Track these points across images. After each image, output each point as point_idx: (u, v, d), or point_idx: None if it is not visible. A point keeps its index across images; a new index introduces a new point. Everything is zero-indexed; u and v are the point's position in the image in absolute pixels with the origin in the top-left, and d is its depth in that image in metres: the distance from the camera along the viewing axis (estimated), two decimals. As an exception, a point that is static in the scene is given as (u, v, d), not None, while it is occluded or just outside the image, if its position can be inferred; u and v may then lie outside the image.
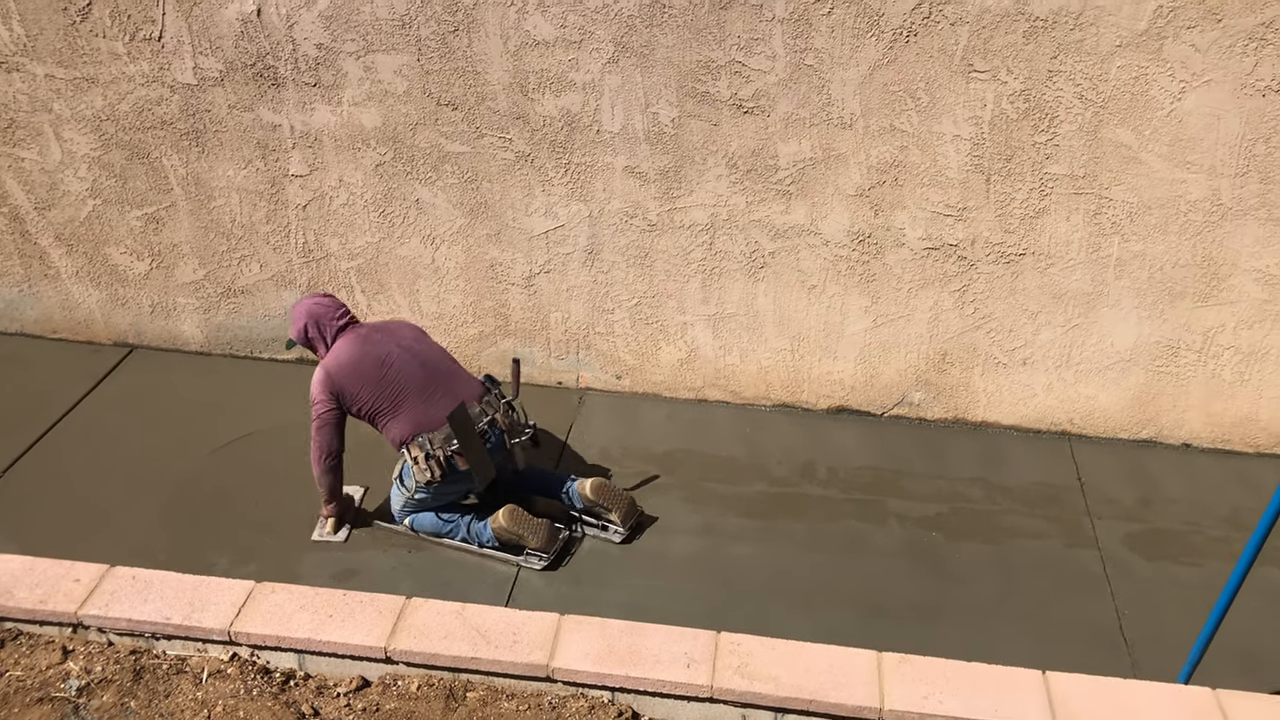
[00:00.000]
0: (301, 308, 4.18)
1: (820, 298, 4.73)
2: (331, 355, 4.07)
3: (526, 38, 4.36)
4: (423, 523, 4.18)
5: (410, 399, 4.03)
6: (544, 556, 4.09)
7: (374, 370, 4.02)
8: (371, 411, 4.04)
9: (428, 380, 4.07)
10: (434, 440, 3.99)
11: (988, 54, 4.16)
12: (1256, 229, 4.30)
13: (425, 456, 3.97)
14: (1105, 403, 4.75)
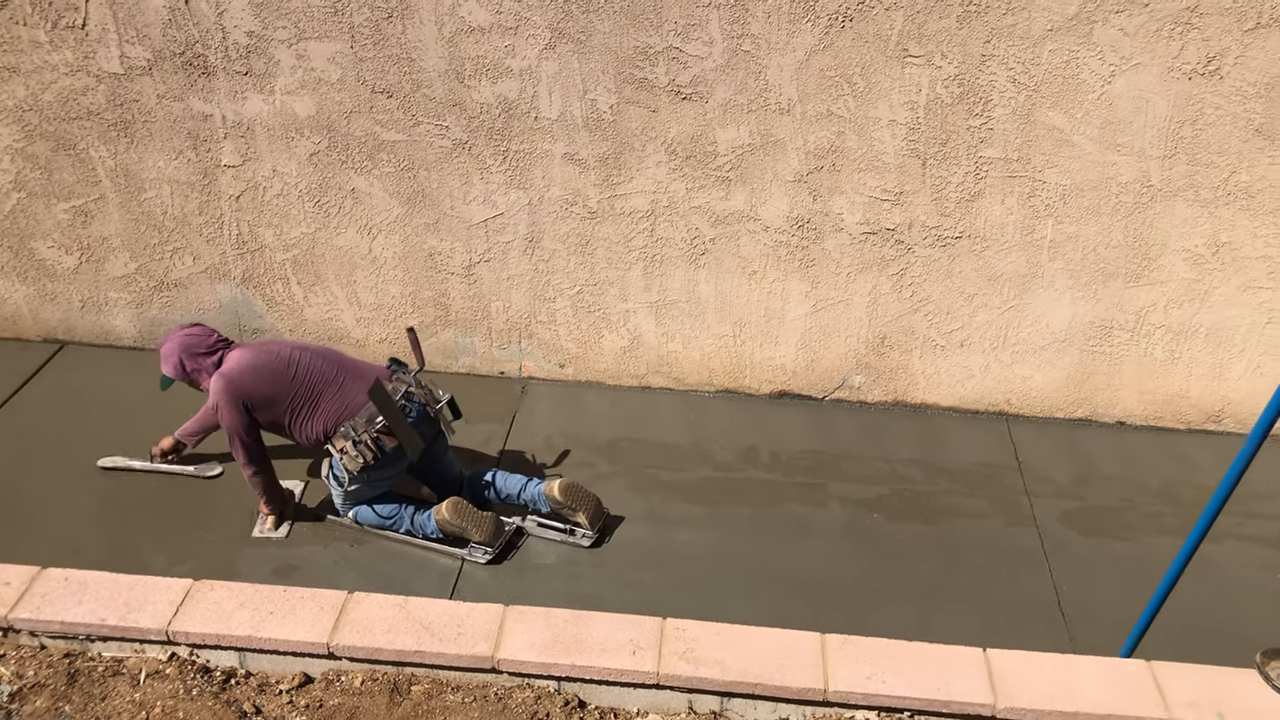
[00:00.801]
0: (171, 343, 4.04)
1: (761, 284, 4.75)
2: (229, 365, 3.95)
3: (462, 24, 4.32)
4: (367, 516, 4.14)
5: (326, 391, 3.97)
6: (489, 550, 4.06)
7: (283, 371, 3.95)
8: (287, 413, 3.96)
9: (338, 371, 4.03)
10: (357, 426, 3.93)
11: (922, 39, 4.19)
12: (1185, 210, 4.39)
13: (353, 444, 3.91)
14: (1041, 383, 4.83)
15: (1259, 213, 4.36)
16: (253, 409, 3.92)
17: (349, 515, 4.17)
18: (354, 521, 4.17)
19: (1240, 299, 4.54)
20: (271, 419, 3.98)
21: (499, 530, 4.09)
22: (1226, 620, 3.86)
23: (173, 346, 4.03)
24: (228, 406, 3.89)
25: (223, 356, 4.00)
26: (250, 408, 3.91)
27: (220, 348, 4.02)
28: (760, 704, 3.43)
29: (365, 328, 5.00)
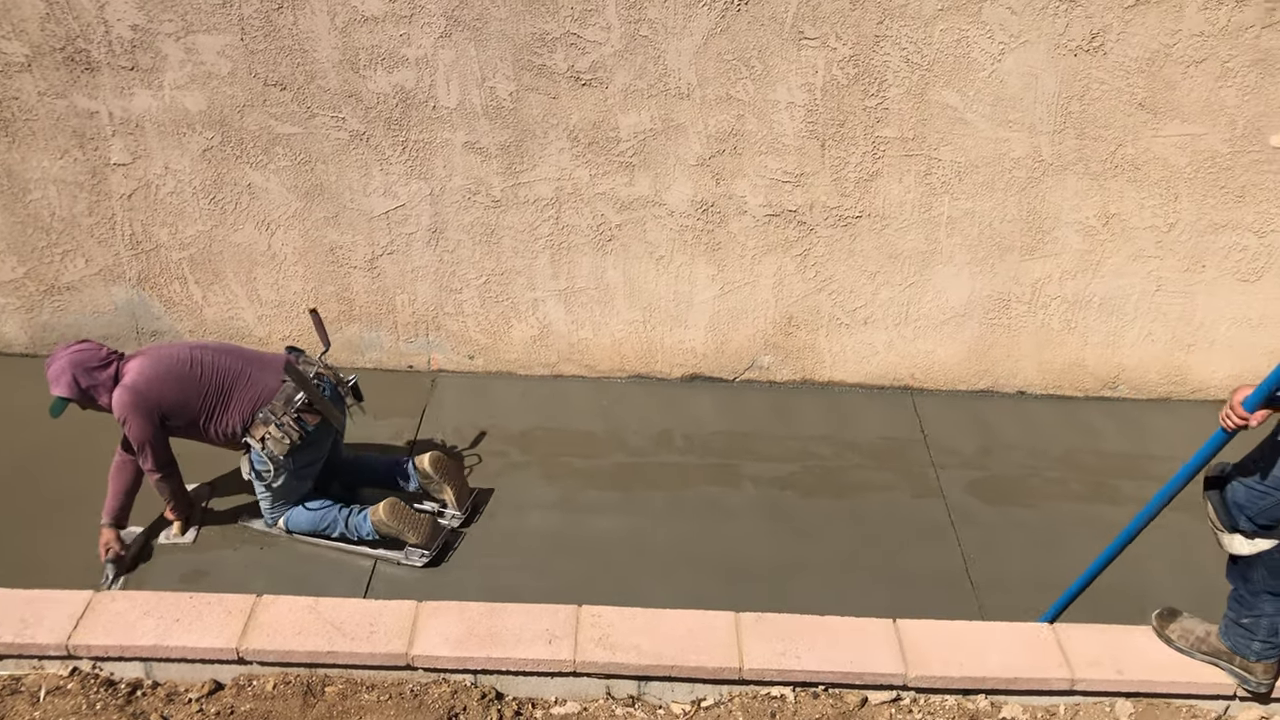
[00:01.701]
0: (60, 363, 3.80)
1: (668, 268, 4.76)
2: (132, 377, 3.78)
3: (355, 14, 4.24)
4: (298, 521, 4.03)
5: (236, 384, 3.87)
6: (426, 553, 4.01)
7: (187, 373, 3.83)
8: (201, 414, 3.84)
9: (243, 364, 3.93)
10: (276, 409, 3.85)
11: (817, 20, 4.23)
12: (1075, 183, 4.51)
13: (275, 426, 3.83)
14: (943, 356, 4.93)
15: (1145, 184, 4.49)
16: (166, 417, 3.80)
17: (279, 523, 4.05)
18: (285, 530, 4.05)
19: (1130, 268, 4.68)
20: (185, 423, 3.85)
21: (436, 532, 4.04)
22: (1128, 581, 3.98)
23: (62, 366, 3.78)
24: (138, 418, 3.75)
25: (118, 369, 3.83)
26: (163, 416, 3.79)
27: (113, 360, 3.83)
28: (677, 685, 3.46)
29: (268, 325, 4.90)
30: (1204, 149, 4.43)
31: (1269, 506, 3.08)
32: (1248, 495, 3.12)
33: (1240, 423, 2.96)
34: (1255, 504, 3.10)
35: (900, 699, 3.48)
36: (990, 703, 3.49)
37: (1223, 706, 3.51)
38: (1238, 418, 2.95)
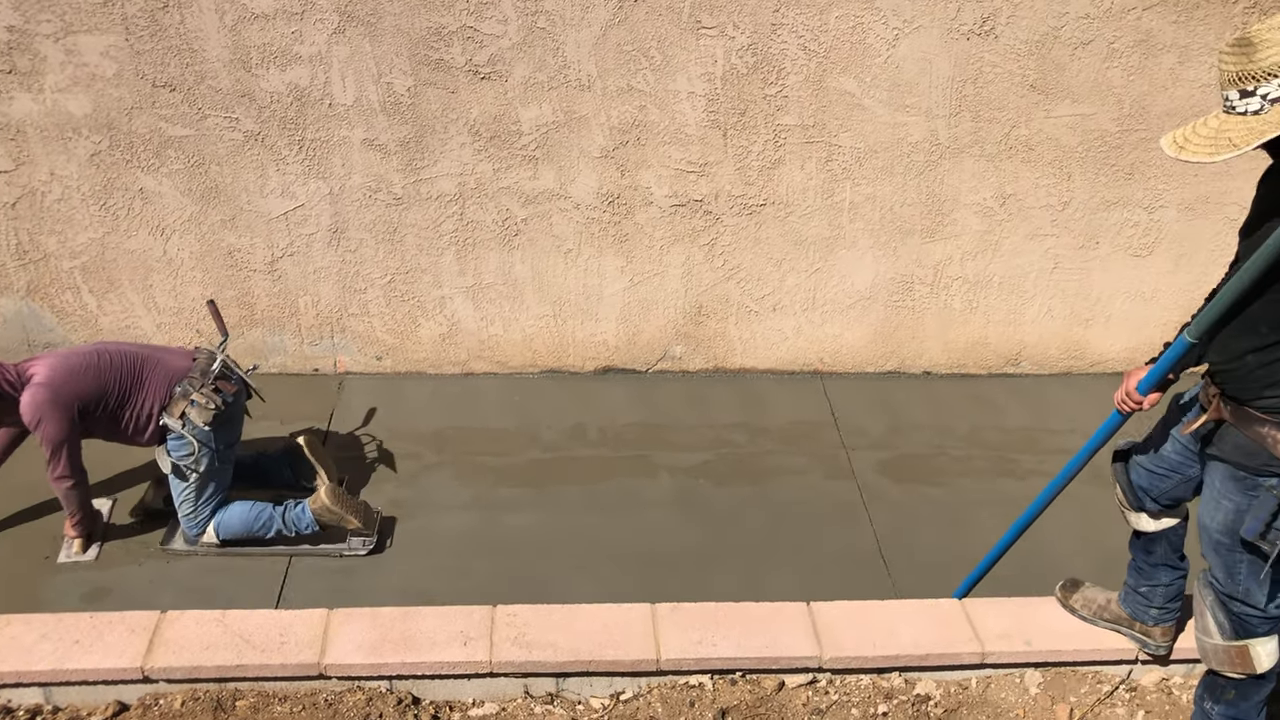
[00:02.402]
0: None
1: (577, 261, 4.74)
2: (42, 376, 3.62)
3: (244, 11, 4.14)
4: (230, 525, 3.89)
5: (145, 367, 3.76)
6: (369, 538, 3.95)
7: (95, 364, 3.68)
8: (116, 402, 3.69)
9: (147, 352, 3.83)
10: (193, 381, 3.76)
11: (714, 9, 4.24)
12: (972, 165, 4.59)
13: (199, 394, 3.73)
14: (851, 340, 4.99)
15: (1039, 164, 4.60)
16: (83, 412, 3.65)
17: (209, 530, 3.89)
18: (217, 539, 3.90)
19: (1028, 247, 4.78)
20: (102, 414, 3.70)
21: (372, 516, 4.00)
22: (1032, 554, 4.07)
23: None
24: (56, 415, 3.59)
25: (18, 375, 3.69)
26: (81, 410, 3.64)
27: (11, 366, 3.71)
28: (595, 680, 3.46)
29: (167, 333, 4.77)
30: (1094, 128, 4.54)
31: (1169, 488, 3.16)
32: (1149, 478, 3.19)
33: (1135, 406, 3.02)
34: (1156, 486, 3.18)
35: (816, 681, 3.52)
36: (904, 679, 3.55)
37: (1126, 670, 3.62)
38: (1132, 402, 3.01)
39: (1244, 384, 2.70)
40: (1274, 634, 2.97)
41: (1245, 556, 2.84)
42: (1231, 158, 2.38)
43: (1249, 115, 2.39)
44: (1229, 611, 2.96)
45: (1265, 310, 2.59)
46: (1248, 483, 2.77)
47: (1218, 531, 2.89)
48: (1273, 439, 2.68)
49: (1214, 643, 3.00)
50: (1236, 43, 2.40)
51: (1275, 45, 2.34)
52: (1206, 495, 2.92)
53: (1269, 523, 2.73)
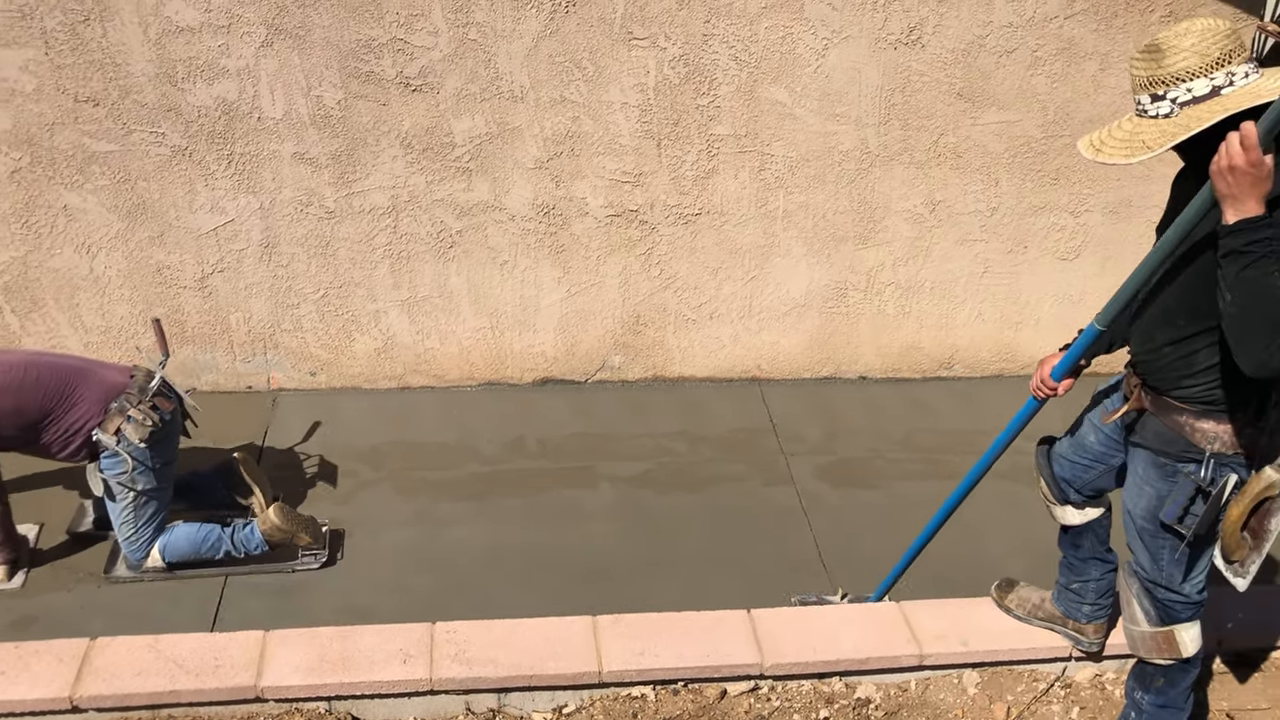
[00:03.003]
0: None
1: (513, 273, 4.73)
2: None
3: (169, 24, 4.07)
4: (178, 547, 3.79)
5: (79, 381, 3.59)
6: (320, 553, 3.89)
7: (20, 377, 3.51)
8: (40, 418, 3.54)
9: (84, 365, 3.69)
10: (130, 397, 3.63)
11: (645, 20, 4.25)
12: (902, 172, 4.66)
13: (136, 411, 3.60)
14: (787, 346, 5.04)
15: (967, 170, 4.67)
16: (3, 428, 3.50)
17: (154, 554, 3.77)
18: (164, 562, 3.79)
19: (958, 252, 4.86)
20: (23, 426, 3.54)
21: (319, 529, 3.93)
22: (968, 554, 4.14)
23: None
24: None
25: None
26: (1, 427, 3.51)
27: None
28: (538, 694, 3.44)
29: (95, 352, 4.66)
30: (1019, 135, 4.63)
31: (1092, 479, 3.24)
32: (1072, 469, 3.27)
33: (1049, 392, 3.09)
34: (1079, 477, 3.26)
35: (758, 688, 3.54)
36: (845, 684, 3.58)
37: (1060, 668, 3.68)
38: (1047, 388, 3.08)
39: (1163, 375, 2.78)
40: (1197, 619, 3.05)
41: (1168, 541, 2.92)
42: (1145, 159, 2.45)
43: (1160, 118, 2.48)
44: (1154, 598, 3.04)
45: (1181, 303, 2.67)
46: (1168, 469, 2.85)
47: (1141, 518, 2.96)
48: (1190, 427, 2.76)
49: (1141, 630, 3.08)
50: (1147, 49, 2.48)
51: (1183, 51, 2.42)
52: (1130, 482, 3.00)
53: (1186, 507, 2.81)
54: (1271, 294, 2.33)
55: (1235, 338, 2.42)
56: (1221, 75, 2.41)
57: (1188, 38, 2.42)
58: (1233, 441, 2.73)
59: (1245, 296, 2.36)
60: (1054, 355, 3.08)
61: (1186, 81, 2.43)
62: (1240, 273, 2.35)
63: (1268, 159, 2.26)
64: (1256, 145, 2.25)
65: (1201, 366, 2.69)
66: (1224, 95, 2.41)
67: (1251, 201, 2.31)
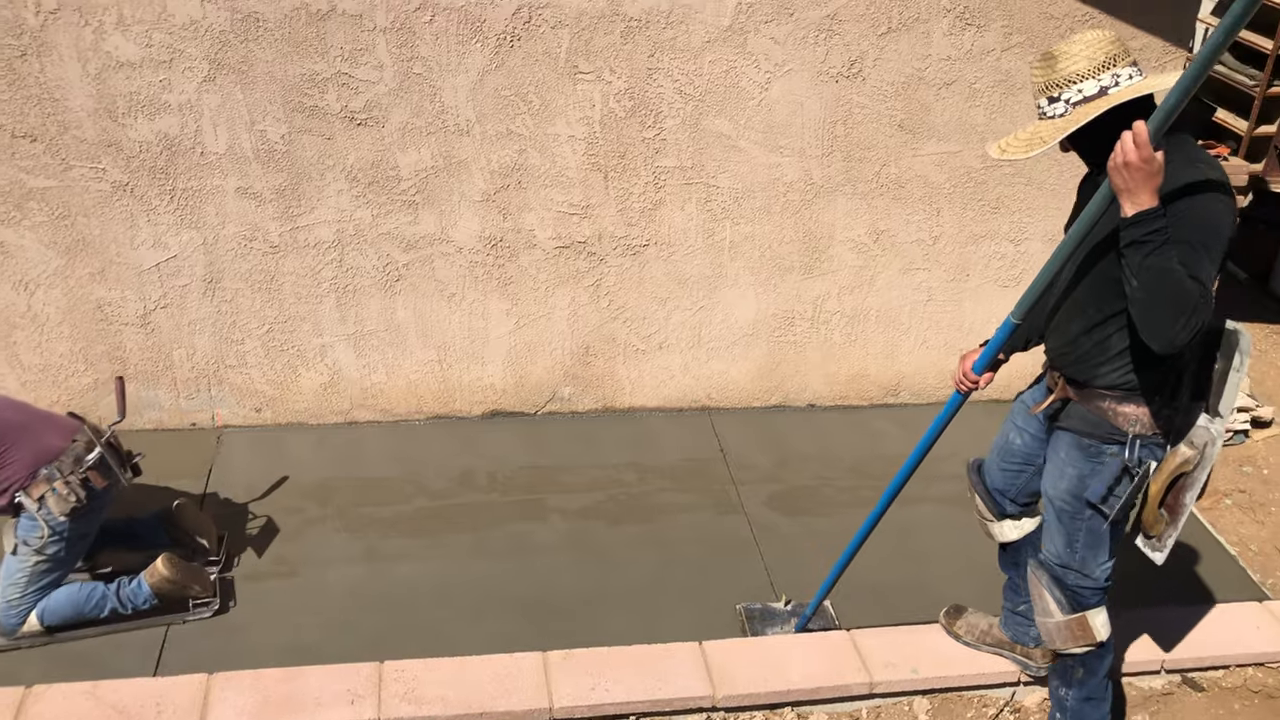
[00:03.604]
0: None
1: (461, 305, 4.71)
2: None
3: (109, 59, 4.04)
4: (58, 608, 3.63)
5: (15, 439, 3.48)
6: (213, 602, 3.82)
7: None
8: None
9: (26, 420, 3.58)
10: (63, 465, 3.52)
11: (590, 55, 4.28)
12: (845, 203, 4.72)
13: (62, 483, 3.48)
14: (736, 376, 5.06)
15: (909, 201, 4.74)
16: None
17: (31, 619, 3.62)
18: (40, 625, 3.63)
19: (902, 281, 4.93)
20: None
21: (208, 579, 3.85)
22: (918, 581, 4.17)
23: None
24: None
25: None
26: None
27: None
28: (489, 732, 3.41)
29: (32, 391, 4.57)
30: (960, 165, 4.71)
31: (1024, 482, 3.31)
32: (1004, 478, 3.33)
33: (971, 385, 3.20)
34: (1012, 484, 3.32)
35: (711, 720, 3.54)
36: (796, 714, 3.59)
37: (1010, 693, 3.72)
38: (969, 381, 3.19)
39: (1081, 364, 2.94)
40: (1104, 605, 3.18)
41: (1085, 524, 3.03)
42: (1042, 152, 2.66)
43: (1056, 118, 2.69)
44: (1065, 586, 3.15)
45: (1089, 293, 2.84)
46: (1092, 450, 2.98)
47: (1060, 499, 3.07)
48: (1113, 411, 2.91)
49: (1055, 621, 3.17)
50: (1043, 58, 2.71)
51: (1073, 57, 2.65)
52: (1051, 466, 3.11)
53: (1111, 487, 2.95)
54: (1172, 277, 2.51)
55: (1143, 320, 2.60)
56: (1108, 76, 2.63)
57: (1077, 45, 2.66)
58: (1152, 423, 2.90)
59: (1149, 282, 2.53)
60: (975, 351, 3.20)
61: (1078, 83, 2.65)
62: (1143, 260, 2.53)
63: (1158, 155, 2.45)
64: (1148, 142, 2.43)
65: (1115, 351, 2.86)
66: (1111, 94, 2.62)
67: (1146, 194, 2.49)
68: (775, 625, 3.95)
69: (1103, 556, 3.09)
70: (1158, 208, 2.50)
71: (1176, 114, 2.38)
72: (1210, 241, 2.59)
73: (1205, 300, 2.55)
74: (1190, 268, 2.53)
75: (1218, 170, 2.66)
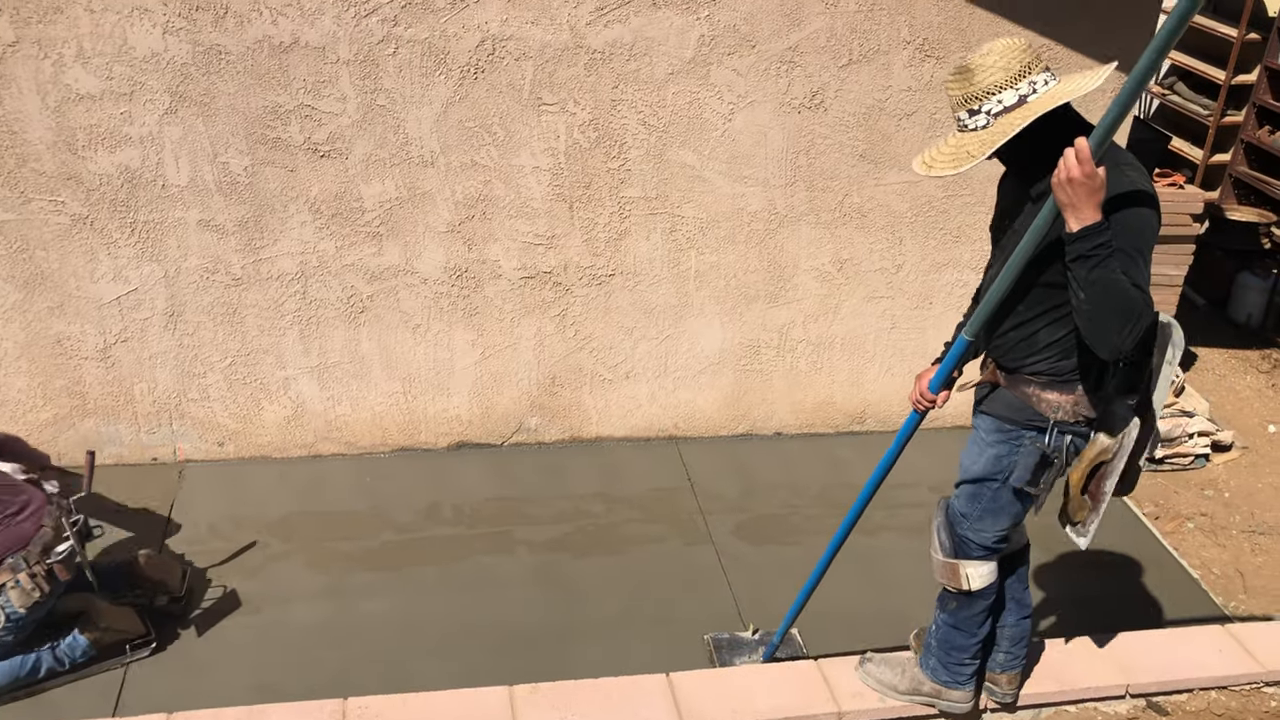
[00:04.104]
0: None
1: (426, 336, 4.70)
2: None
3: (68, 92, 4.01)
4: None
5: None
6: (150, 639, 3.75)
7: None
8: None
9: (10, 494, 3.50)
10: (29, 556, 3.45)
11: (554, 86, 4.30)
12: (809, 232, 4.75)
13: (29, 576, 3.43)
14: (703, 405, 5.07)
15: (872, 230, 4.79)
16: None
17: None
18: None
19: (866, 309, 4.96)
20: None
21: (141, 621, 3.77)
22: (885, 609, 4.18)
23: None
24: None
25: None
26: None
27: None
28: (455, 769, 3.37)
29: (-11, 427, 4.52)
30: (921, 195, 4.76)
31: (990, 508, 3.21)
32: (970, 504, 3.23)
33: (929, 404, 3.26)
34: (974, 507, 3.22)
35: (679, 752, 3.51)
36: (765, 745, 3.57)
37: None
38: (926, 400, 3.25)
39: (1011, 355, 3.03)
40: (987, 562, 3.24)
41: (991, 493, 3.14)
42: (971, 167, 2.69)
43: (979, 130, 2.72)
44: (953, 532, 3.26)
45: (1018, 294, 2.91)
46: (1012, 434, 3.06)
47: (969, 474, 3.18)
48: (1037, 397, 2.99)
49: (936, 558, 3.31)
50: (958, 72, 2.73)
51: (989, 69, 2.67)
52: (971, 445, 3.22)
53: (1033, 471, 3.04)
54: (1118, 289, 2.58)
55: (1090, 330, 2.67)
56: (1025, 85, 2.67)
57: (991, 56, 2.68)
58: (1074, 410, 2.98)
59: (1097, 294, 2.60)
60: (930, 369, 3.25)
61: (996, 94, 2.68)
62: (1089, 274, 2.59)
63: (1100, 170, 2.51)
64: (1090, 159, 2.49)
65: (1042, 344, 2.93)
66: (1030, 102, 2.66)
67: (1089, 209, 2.55)
68: (743, 654, 3.95)
69: (1000, 525, 3.18)
70: (1102, 222, 2.56)
71: (1116, 129, 2.46)
72: (1144, 247, 2.68)
73: (1149, 306, 2.64)
74: (1131, 276, 2.61)
75: (1141, 173, 2.74)
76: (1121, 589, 4.47)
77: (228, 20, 4.00)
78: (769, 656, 3.89)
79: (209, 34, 4.01)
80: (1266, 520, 4.97)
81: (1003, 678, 3.59)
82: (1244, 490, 5.17)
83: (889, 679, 3.58)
